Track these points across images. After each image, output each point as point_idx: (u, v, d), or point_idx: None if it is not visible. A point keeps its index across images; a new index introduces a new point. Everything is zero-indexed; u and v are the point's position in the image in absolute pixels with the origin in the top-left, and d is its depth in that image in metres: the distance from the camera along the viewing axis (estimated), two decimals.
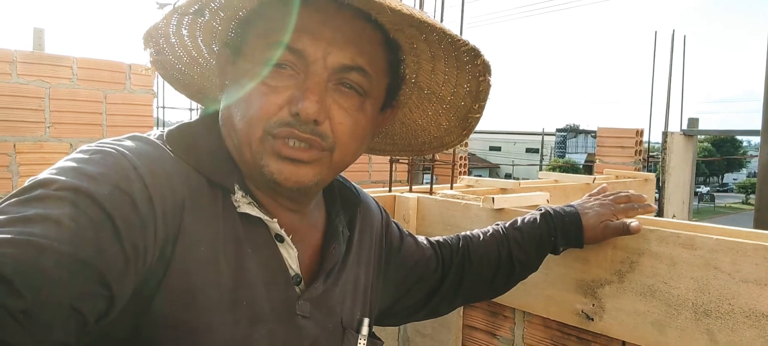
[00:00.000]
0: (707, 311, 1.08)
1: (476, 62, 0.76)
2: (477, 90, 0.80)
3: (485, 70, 0.77)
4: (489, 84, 0.79)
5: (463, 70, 0.79)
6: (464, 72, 0.79)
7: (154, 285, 0.63)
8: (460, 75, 0.80)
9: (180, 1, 0.68)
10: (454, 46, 0.74)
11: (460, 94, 0.83)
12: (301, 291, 0.77)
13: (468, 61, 0.77)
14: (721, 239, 1.07)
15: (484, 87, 0.79)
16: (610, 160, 5.26)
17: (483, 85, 0.79)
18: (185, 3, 0.68)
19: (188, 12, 0.71)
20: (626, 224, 1.10)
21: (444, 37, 0.72)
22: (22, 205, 0.54)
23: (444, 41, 0.74)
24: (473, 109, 0.84)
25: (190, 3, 0.69)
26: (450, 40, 0.73)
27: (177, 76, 0.86)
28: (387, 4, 0.64)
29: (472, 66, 0.77)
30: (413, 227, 1.68)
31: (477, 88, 0.80)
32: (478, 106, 0.83)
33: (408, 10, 0.66)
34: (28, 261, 0.49)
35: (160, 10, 0.82)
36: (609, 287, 1.22)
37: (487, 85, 0.79)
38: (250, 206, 0.72)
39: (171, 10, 0.70)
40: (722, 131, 13.14)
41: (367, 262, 0.92)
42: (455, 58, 0.77)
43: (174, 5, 0.69)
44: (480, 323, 1.57)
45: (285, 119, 0.69)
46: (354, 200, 0.92)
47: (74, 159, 0.62)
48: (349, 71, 0.71)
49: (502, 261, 1.07)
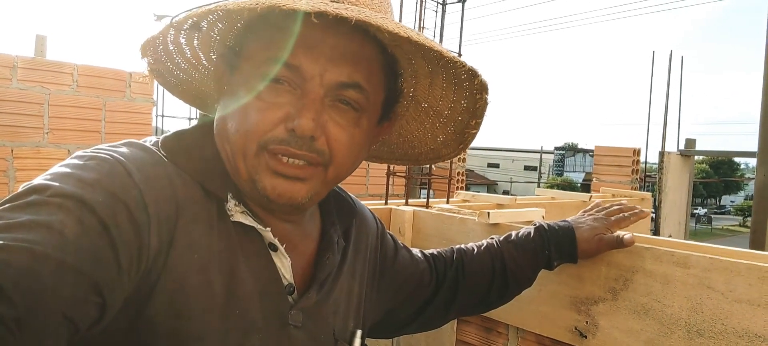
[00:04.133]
0: (700, 331, 1.08)
1: (474, 81, 0.76)
2: (474, 107, 0.81)
3: (482, 89, 0.77)
4: (486, 102, 0.79)
5: (460, 87, 0.79)
6: (462, 89, 0.79)
7: (146, 292, 0.62)
8: (457, 92, 0.80)
9: (177, 16, 0.68)
10: (451, 64, 0.74)
11: (458, 110, 0.83)
12: (294, 301, 0.76)
13: (466, 79, 0.77)
14: (715, 258, 1.07)
15: (482, 105, 0.80)
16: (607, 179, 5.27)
17: (480, 102, 0.79)
18: (181, 18, 0.68)
19: (184, 27, 0.72)
20: (620, 237, 1.10)
21: (442, 59, 0.72)
22: (15, 211, 0.54)
23: (442, 60, 0.74)
24: (470, 125, 0.84)
25: (187, 18, 0.69)
26: (449, 61, 0.73)
27: (175, 83, 0.86)
28: (385, 28, 0.64)
29: (470, 84, 0.77)
30: (409, 240, 1.68)
31: (474, 106, 0.81)
32: (475, 123, 0.83)
33: (405, 32, 0.66)
34: (21, 268, 0.49)
35: (158, 22, 0.82)
36: (603, 305, 1.22)
37: (484, 103, 0.79)
38: (244, 214, 0.72)
39: (167, 24, 0.70)
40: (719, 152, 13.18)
41: (362, 273, 0.91)
42: (453, 76, 0.78)
43: (171, 20, 0.69)
44: (474, 339, 1.57)
45: (281, 136, 0.69)
46: (350, 211, 0.92)
47: (69, 165, 0.61)
48: (346, 88, 0.71)
49: (496, 274, 1.07)
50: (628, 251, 1.16)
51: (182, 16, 0.68)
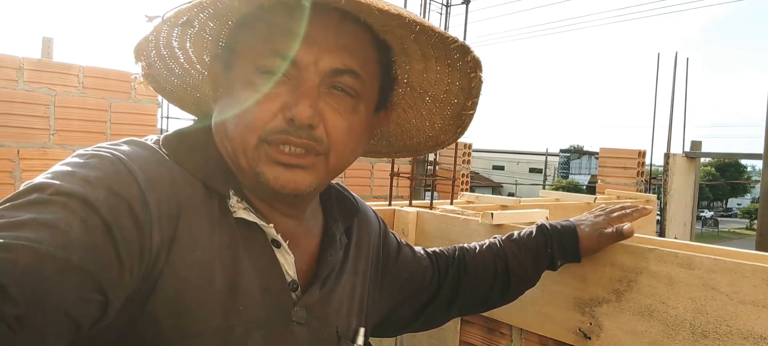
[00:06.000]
0: (705, 332, 1.07)
1: (467, 59, 0.76)
2: (469, 87, 0.81)
3: (476, 67, 0.77)
4: (481, 80, 0.79)
5: (454, 67, 0.79)
6: (455, 69, 0.79)
7: (149, 289, 0.63)
8: (451, 73, 0.80)
9: (168, 13, 0.69)
10: (443, 44, 0.75)
11: (453, 92, 0.83)
12: (297, 297, 0.77)
13: (458, 58, 0.77)
14: (719, 259, 1.06)
15: (476, 83, 0.80)
16: (612, 181, 5.25)
17: (474, 81, 0.79)
18: (174, 14, 0.69)
19: (177, 23, 0.72)
20: (619, 228, 1.11)
21: (433, 36, 0.73)
22: (17, 209, 0.54)
23: (433, 40, 0.74)
24: (466, 107, 0.84)
25: (179, 14, 0.69)
26: (439, 39, 0.73)
27: (170, 89, 0.87)
28: (375, 6, 0.64)
29: (463, 63, 0.77)
30: (412, 240, 1.68)
31: (469, 85, 0.81)
32: (471, 103, 0.83)
33: (396, 10, 0.67)
34: (23, 267, 0.49)
35: (149, 23, 0.82)
36: (607, 306, 1.21)
37: (479, 82, 0.79)
38: (246, 211, 0.72)
39: (160, 22, 0.70)
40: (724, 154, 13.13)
41: (364, 271, 0.91)
42: (446, 57, 0.78)
43: (163, 17, 0.69)
44: (477, 340, 1.56)
45: (280, 126, 0.70)
46: (352, 209, 0.92)
47: (70, 163, 0.62)
48: (341, 75, 0.72)
49: (498, 273, 1.07)
50: (631, 251, 1.16)
51: (173, 12, 0.68)
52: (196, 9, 0.69)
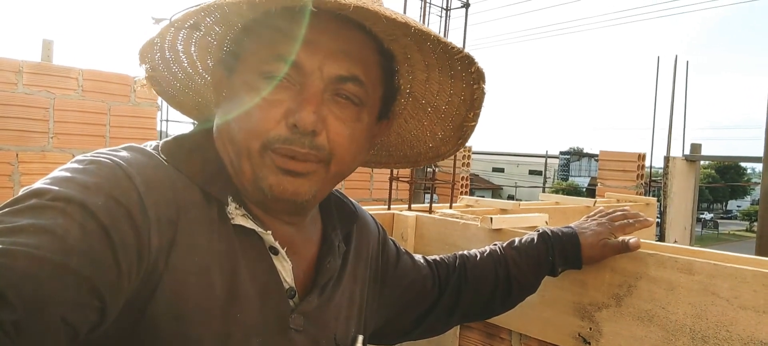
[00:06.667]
0: (705, 338, 1.07)
1: (470, 70, 0.76)
2: (471, 98, 0.81)
3: (479, 78, 0.77)
4: (483, 92, 0.79)
5: (457, 78, 0.79)
6: (458, 80, 0.79)
7: (147, 295, 0.62)
8: (454, 84, 0.80)
9: (176, 15, 0.69)
10: (447, 54, 0.74)
11: (455, 103, 0.83)
12: (295, 304, 0.76)
13: (462, 69, 0.77)
14: (719, 264, 1.06)
15: (479, 95, 0.79)
16: (611, 184, 5.24)
17: (477, 93, 0.79)
18: (181, 17, 0.69)
19: (184, 26, 0.72)
20: (625, 242, 1.10)
21: (438, 46, 0.73)
22: (15, 215, 0.54)
23: (438, 50, 0.74)
24: (468, 118, 0.84)
25: (186, 17, 0.69)
26: (443, 49, 0.73)
27: (173, 93, 0.87)
28: (382, 14, 0.64)
29: (466, 74, 0.77)
30: (411, 245, 1.68)
31: (471, 97, 0.80)
32: (473, 115, 0.83)
33: (403, 18, 0.66)
34: (21, 272, 0.49)
35: (156, 25, 0.82)
36: (606, 311, 1.21)
37: (481, 93, 0.79)
38: (244, 217, 0.72)
39: (167, 24, 0.70)
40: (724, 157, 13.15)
41: (363, 278, 0.91)
42: (449, 67, 0.78)
43: (170, 19, 0.69)
44: (476, 345, 1.56)
45: (284, 134, 0.69)
46: (351, 215, 0.92)
47: (69, 169, 0.62)
48: (345, 82, 0.72)
49: (499, 281, 1.06)
50: (631, 257, 1.16)
51: (181, 14, 0.69)
52: (204, 13, 0.69)
